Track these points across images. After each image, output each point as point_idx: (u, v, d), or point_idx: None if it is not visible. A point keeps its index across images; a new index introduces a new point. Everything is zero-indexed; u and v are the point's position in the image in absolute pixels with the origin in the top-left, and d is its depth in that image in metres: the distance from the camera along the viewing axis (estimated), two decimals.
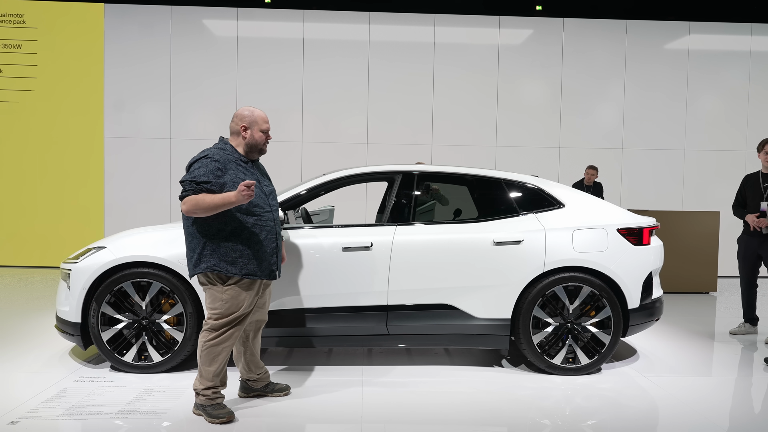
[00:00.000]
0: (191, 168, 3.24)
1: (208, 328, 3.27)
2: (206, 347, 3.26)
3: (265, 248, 3.29)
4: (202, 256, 3.23)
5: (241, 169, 3.29)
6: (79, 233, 8.86)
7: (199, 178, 3.15)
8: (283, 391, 3.69)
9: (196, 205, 3.11)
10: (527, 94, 9.57)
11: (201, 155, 3.25)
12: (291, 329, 4.03)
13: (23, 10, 8.97)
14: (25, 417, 3.28)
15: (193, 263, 3.27)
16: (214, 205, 3.10)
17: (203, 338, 3.28)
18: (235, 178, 3.22)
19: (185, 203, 3.14)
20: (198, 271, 3.25)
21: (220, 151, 3.28)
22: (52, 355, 4.49)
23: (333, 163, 7.55)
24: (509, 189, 4.39)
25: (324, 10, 9.26)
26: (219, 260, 3.21)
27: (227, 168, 3.22)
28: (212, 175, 3.16)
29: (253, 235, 3.25)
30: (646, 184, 9.56)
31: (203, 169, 3.18)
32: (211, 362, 3.27)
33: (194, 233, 3.25)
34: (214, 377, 3.29)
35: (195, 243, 3.25)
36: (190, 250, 3.29)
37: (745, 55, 9.55)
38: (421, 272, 4.07)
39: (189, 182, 3.17)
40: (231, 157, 3.29)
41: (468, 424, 3.36)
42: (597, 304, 4.16)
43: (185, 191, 3.17)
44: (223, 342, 3.26)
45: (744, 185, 5.45)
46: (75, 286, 3.97)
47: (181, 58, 9.16)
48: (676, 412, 3.59)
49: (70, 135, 9.04)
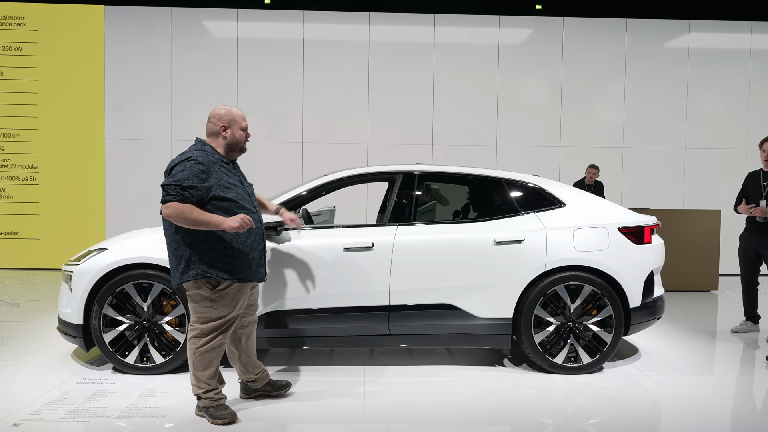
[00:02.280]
0: (173, 171, 3.08)
1: (197, 334, 3.18)
2: (198, 354, 3.20)
3: (254, 250, 3.24)
4: (191, 263, 3.11)
5: (224, 170, 3.19)
6: (80, 235, 8.88)
7: (183, 182, 3.03)
8: (284, 388, 3.68)
9: (181, 214, 2.99)
10: (527, 94, 9.57)
11: (183, 157, 3.11)
12: (292, 330, 4.03)
13: (23, 12, 8.98)
14: (27, 419, 3.29)
15: (180, 271, 3.14)
16: (201, 221, 3.01)
17: (193, 345, 3.20)
18: (219, 181, 3.12)
19: (168, 208, 3.00)
20: (186, 279, 3.13)
21: (202, 153, 3.15)
22: (54, 357, 4.50)
23: (333, 164, 7.57)
24: (510, 188, 4.39)
25: (324, 11, 9.27)
26: (208, 266, 3.11)
27: (212, 170, 3.11)
28: (197, 179, 3.04)
29: (242, 238, 3.18)
30: (646, 182, 9.56)
31: (187, 173, 3.04)
32: (205, 368, 3.22)
33: (179, 240, 3.13)
34: (209, 380, 3.26)
35: (181, 250, 3.13)
36: (176, 257, 3.15)
37: (746, 53, 9.54)
38: (423, 272, 4.07)
39: (173, 186, 3.03)
40: (213, 158, 3.17)
41: (470, 423, 3.36)
42: (598, 303, 4.16)
43: (169, 195, 3.02)
44: (214, 347, 3.21)
45: (746, 182, 5.45)
46: (77, 288, 3.97)
47: (182, 60, 9.16)
48: (679, 410, 3.59)
49: (71, 137, 9.05)
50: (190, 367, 3.25)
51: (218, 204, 3.11)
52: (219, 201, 3.11)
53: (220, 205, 3.11)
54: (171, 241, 3.18)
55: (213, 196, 3.10)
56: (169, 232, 3.18)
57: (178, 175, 3.06)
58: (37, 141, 9.02)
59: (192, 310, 3.23)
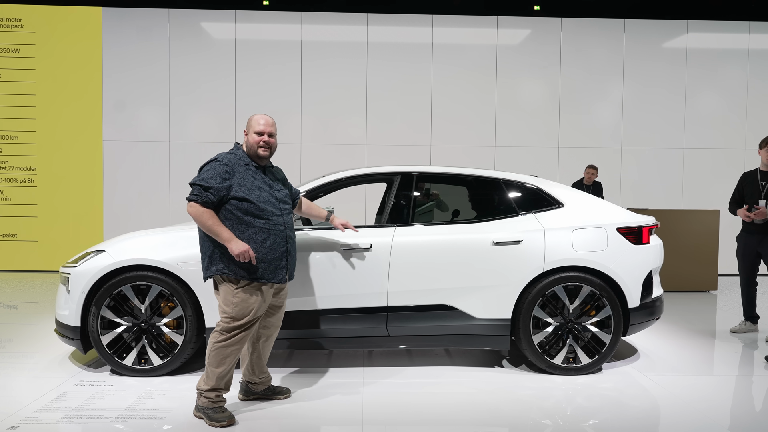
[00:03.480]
0: (202, 170, 3.30)
1: (219, 330, 3.30)
2: (215, 348, 3.28)
3: (274, 252, 3.31)
4: (212, 260, 3.29)
5: (250, 173, 3.33)
6: (78, 237, 8.87)
7: (205, 182, 3.22)
8: (283, 395, 3.68)
9: (200, 217, 3.20)
10: (526, 94, 9.57)
11: (212, 158, 3.32)
12: (291, 331, 4.02)
13: (21, 14, 8.97)
14: (25, 421, 3.28)
15: (205, 266, 3.33)
16: (213, 231, 3.19)
17: (213, 339, 3.31)
18: (241, 182, 3.27)
19: (191, 207, 3.22)
20: (209, 275, 3.32)
21: (231, 155, 3.34)
22: (52, 359, 4.49)
23: (332, 165, 7.55)
24: (508, 189, 4.39)
25: (321, 12, 9.27)
26: (228, 264, 3.25)
27: (235, 172, 3.27)
28: (219, 179, 3.22)
29: (262, 238, 3.27)
30: (645, 182, 9.55)
31: (211, 173, 3.24)
32: (219, 363, 3.28)
33: (203, 236, 3.33)
34: (219, 379, 3.29)
35: (205, 246, 3.32)
36: (202, 252, 3.36)
37: (744, 53, 9.55)
38: (421, 273, 4.07)
39: (197, 186, 3.23)
40: (242, 161, 3.34)
41: (469, 424, 3.36)
42: (597, 303, 4.16)
43: (193, 194, 3.23)
44: (232, 345, 3.28)
45: (742, 183, 5.45)
46: (74, 290, 3.96)
47: (180, 62, 9.16)
48: (678, 411, 3.59)
49: (70, 139, 9.04)
50: (206, 361, 3.32)
51: (238, 204, 3.26)
52: (239, 201, 3.26)
53: (239, 206, 3.26)
54: (199, 236, 3.36)
55: (233, 196, 3.25)
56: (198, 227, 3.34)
57: (203, 174, 3.26)
58: (35, 143, 9.00)
59: (219, 304, 3.35)
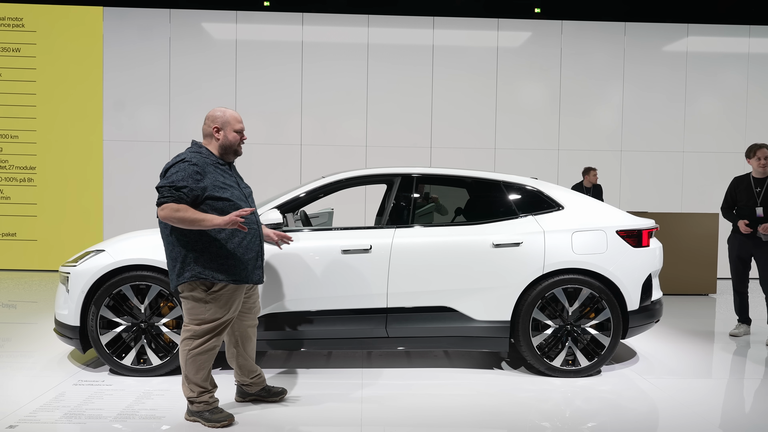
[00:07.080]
0: (168, 173, 3.11)
1: (190, 336, 3.17)
2: (191, 356, 3.18)
3: (250, 251, 3.23)
4: (186, 265, 3.11)
5: (219, 172, 3.20)
6: (78, 236, 8.86)
7: (177, 183, 3.04)
8: (278, 395, 3.65)
9: (176, 212, 3.00)
10: (526, 97, 9.58)
11: (177, 159, 3.13)
12: (290, 332, 4.02)
13: (22, 13, 8.97)
14: (23, 421, 3.27)
15: (177, 273, 3.14)
16: (195, 219, 3.01)
17: (186, 347, 3.17)
18: (215, 182, 3.13)
19: (164, 209, 3.02)
20: (182, 281, 3.13)
21: (196, 155, 3.16)
22: (50, 358, 4.49)
23: (332, 166, 7.56)
24: (508, 191, 4.39)
25: (322, 13, 9.27)
26: (204, 267, 3.10)
27: (206, 171, 3.12)
28: (191, 180, 3.06)
29: (237, 239, 3.17)
30: (645, 185, 9.56)
31: (182, 174, 3.06)
32: (197, 371, 3.20)
33: (174, 242, 3.13)
34: (203, 382, 3.24)
35: (176, 252, 3.13)
36: (172, 259, 3.16)
37: (744, 57, 9.56)
38: (421, 275, 4.07)
39: (167, 188, 3.04)
40: (208, 160, 3.18)
41: (468, 426, 3.36)
42: (596, 306, 4.16)
43: (164, 197, 3.04)
44: (207, 350, 3.19)
45: (734, 188, 5.41)
46: (74, 290, 3.96)
47: (180, 62, 9.16)
48: (676, 414, 3.59)
49: (69, 138, 9.04)
50: (182, 369, 3.23)
51: (213, 204, 3.11)
52: (214, 201, 3.12)
53: (215, 205, 3.11)
54: (167, 243, 3.19)
55: (208, 196, 3.11)
56: (164, 233, 3.19)
57: (172, 176, 3.08)
58: (35, 142, 9.00)
59: (186, 312, 3.22)
